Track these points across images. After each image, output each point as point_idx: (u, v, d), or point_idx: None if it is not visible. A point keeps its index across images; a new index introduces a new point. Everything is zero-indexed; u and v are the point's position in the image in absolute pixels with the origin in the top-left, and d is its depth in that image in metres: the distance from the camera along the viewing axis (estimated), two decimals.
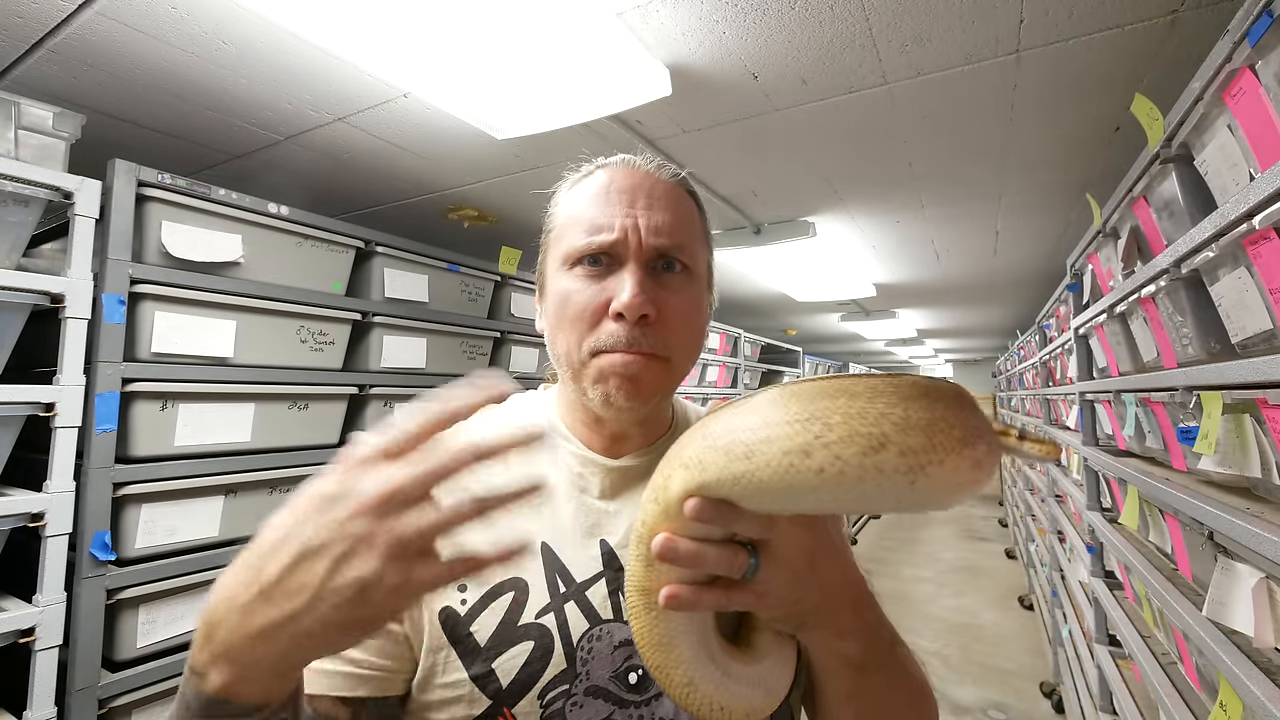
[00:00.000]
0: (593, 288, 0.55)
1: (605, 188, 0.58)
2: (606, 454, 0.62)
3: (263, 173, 1.99)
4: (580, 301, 0.55)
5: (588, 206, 0.57)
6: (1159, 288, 1.20)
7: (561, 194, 0.63)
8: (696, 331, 0.60)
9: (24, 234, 1.22)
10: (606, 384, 0.54)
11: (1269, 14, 0.79)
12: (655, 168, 0.60)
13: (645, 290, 0.54)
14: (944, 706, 3.06)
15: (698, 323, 0.60)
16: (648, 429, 0.63)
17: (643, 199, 0.57)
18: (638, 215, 0.56)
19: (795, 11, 1.19)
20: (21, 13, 1.19)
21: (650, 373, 0.55)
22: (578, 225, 0.57)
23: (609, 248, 0.55)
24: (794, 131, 1.70)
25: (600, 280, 0.56)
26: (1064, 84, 1.44)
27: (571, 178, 0.63)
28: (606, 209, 0.56)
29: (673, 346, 0.56)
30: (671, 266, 0.57)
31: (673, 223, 0.57)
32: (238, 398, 1.53)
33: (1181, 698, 1.25)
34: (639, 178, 0.58)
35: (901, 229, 2.67)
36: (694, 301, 0.59)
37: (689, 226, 0.59)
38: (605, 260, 0.56)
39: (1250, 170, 0.88)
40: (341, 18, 1.14)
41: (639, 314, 0.53)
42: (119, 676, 1.29)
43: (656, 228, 0.56)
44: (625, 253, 0.55)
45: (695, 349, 0.60)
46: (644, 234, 0.55)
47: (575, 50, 1.24)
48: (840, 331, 6.05)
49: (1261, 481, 0.96)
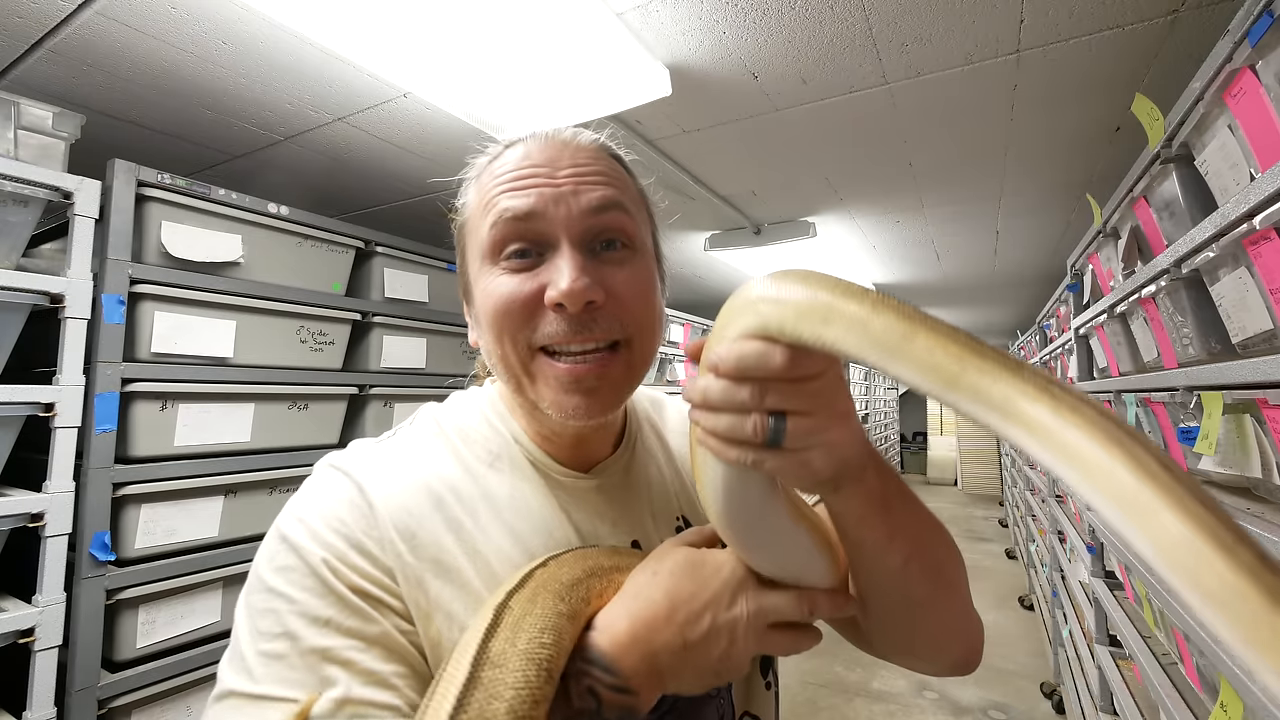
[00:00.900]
0: (522, 280, 0.47)
1: (519, 164, 0.49)
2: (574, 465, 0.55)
3: (262, 173, 1.99)
4: (507, 294, 0.47)
5: (502, 188, 0.48)
6: (1159, 288, 1.20)
7: (469, 183, 0.54)
8: (653, 310, 0.52)
9: (24, 234, 1.22)
10: (561, 398, 0.48)
11: (1269, 14, 0.79)
12: (571, 134, 0.52)
13: (586, 272, 0.46)
14: (944, 706, 3.06)
15: (653, 300, 0.52)
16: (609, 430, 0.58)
17: (565, 169, 0.49)
18: (561, 187, 0.48)
19: (795, 11, 1.18)
20: (21, 13, 1.19)
21: (610, 378, 0.49)
22: (491, 212, 0.48)
23: (534, 230, 0.47)
24: (794, 131, 1.70)
25: (530, 270, 0.48)
26: (1064, 84, 1.44)
27: (479, 163, 0.54)
28: (525, 186, 0.48)
29: (631, 327, 0.49)
30: (612, 244, 0.50)
31: (606, 195, 0.49)
32: (237, 398, 1.53)
33: (1182, 698, 1.24)
34: (556, 146, 0.50)
35: (901, 229, 2.66)
36: (644, 276, 0.51)
37: (623, 196, 0.51)
38: (533, 249, 0.48)
39: (1251, 170, 0.88)
40: (342, 17, 1.14)
41: (583, 300, 0.45)
42: (119, 676, 1.28)
43: (586, 200, 0.48)
44: (555, 233, 0.47)
45: (655, 331, 0.53)
46: (572, 208, 0.47)
47: (575, 50, 1.24)
48: None
49: (1262, 482, 0.96)
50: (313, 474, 0.49)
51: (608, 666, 0.38)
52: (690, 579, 0.44)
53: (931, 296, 4.31)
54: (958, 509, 8.31)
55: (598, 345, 0.48)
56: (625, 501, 0.57)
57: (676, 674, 0.42)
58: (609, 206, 0.49)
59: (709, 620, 0.42)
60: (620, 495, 0.57)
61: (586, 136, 0.53)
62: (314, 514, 0.45)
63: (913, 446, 12.55)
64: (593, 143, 0.52)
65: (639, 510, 0.57)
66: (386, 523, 0.45)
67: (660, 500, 0.59)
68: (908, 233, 2.72)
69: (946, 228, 2.65)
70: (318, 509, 0.45)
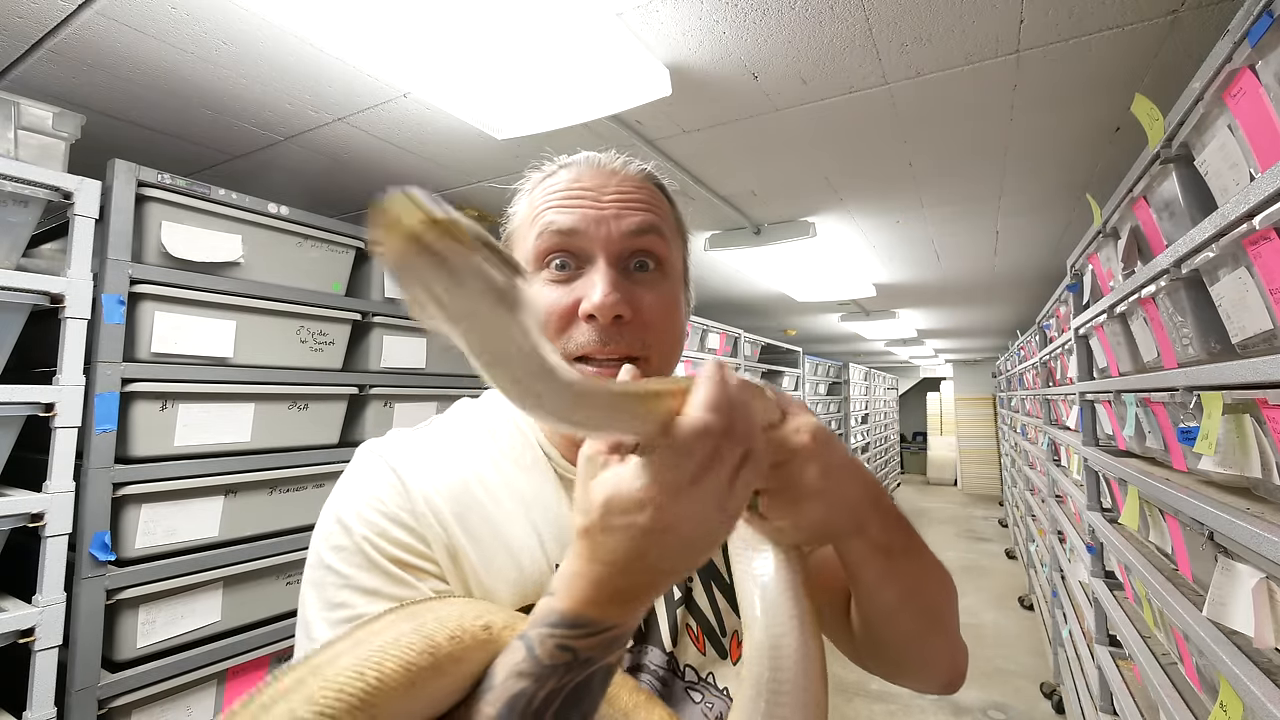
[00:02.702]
0: (559, 291, 0.52)
1: (569, 185, 0.54)
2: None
3: (262, 173, 1.99)
4: (547, 305, 0.52)
5: (550, 204, 0.54)
6: (1159, 288, 1.20)
7: (522, 195, 0.59)
8: (676, 331, 0.57)
9: (24, 234, 1.22)
10: None
11: (1269, 14, 0.79)
12: (621, 163, 0.57)
13: (618, 288, 0.50)
14: (944, 706, 3.06)
15: (676, 321, 0.57)
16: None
17: (610, 194, 0.54)
18: (605, 210, 0.53)
19: (795, 11, 1.18)
20: (21, 13, 1.19)
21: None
22: (540, 224, 0.53)
23: (575, 246, 0.52)
24: (794, 131, 1.70)
25: (568, 284, 0.52)
26: (1064, 84, 1.44)
27: (533, 177, 0.59)
28: (571, 205, 0.53)
29: (651, 346, 0.53)
30: (644, 265, 0.54)
31: (644, 220, 0.54)
32: (237, 398, 1.53)
33: (1182, 698, 1.24)
34: (604, 174, 0.55)
35: (901, 229, 2.66)
36: (670, 299, 0.56)
37: (661, 222, 0.56)
38: (572, 262, 0.53)
39: (1250, 170, 0.88)
40: (342, 18, 1.14)
41: (612, 314, 0.50)
42: (119, 676, 1.28)
43: (628, 225, 0.53)
44: (593, 251, 0.52)
45: (675, 349, 0.57)
46: (613, 229, 0.52)
47: (575, 50, 1.24)
48: (840, 331, 6.05)
49: (1262, 482, 0.96)
50: (354, 459, 0.55)
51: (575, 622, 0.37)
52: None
53: (932, 296, 4.31)
54: (958, 509, 8.31)
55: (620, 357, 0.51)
56: None
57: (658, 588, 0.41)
58: (646, 230, 0.54)
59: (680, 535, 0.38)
60: None
61: (634, 166, 0.58)
62: (357, 496, 0.50)
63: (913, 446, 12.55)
64: (639, 171, 0.58)
65: None
66: (420, 500, 0.50)
67: None
68: (908, 233, 2.72)
69: (946, 228, 2.65)
70: (360, 490, 0.51)
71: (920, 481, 11.16)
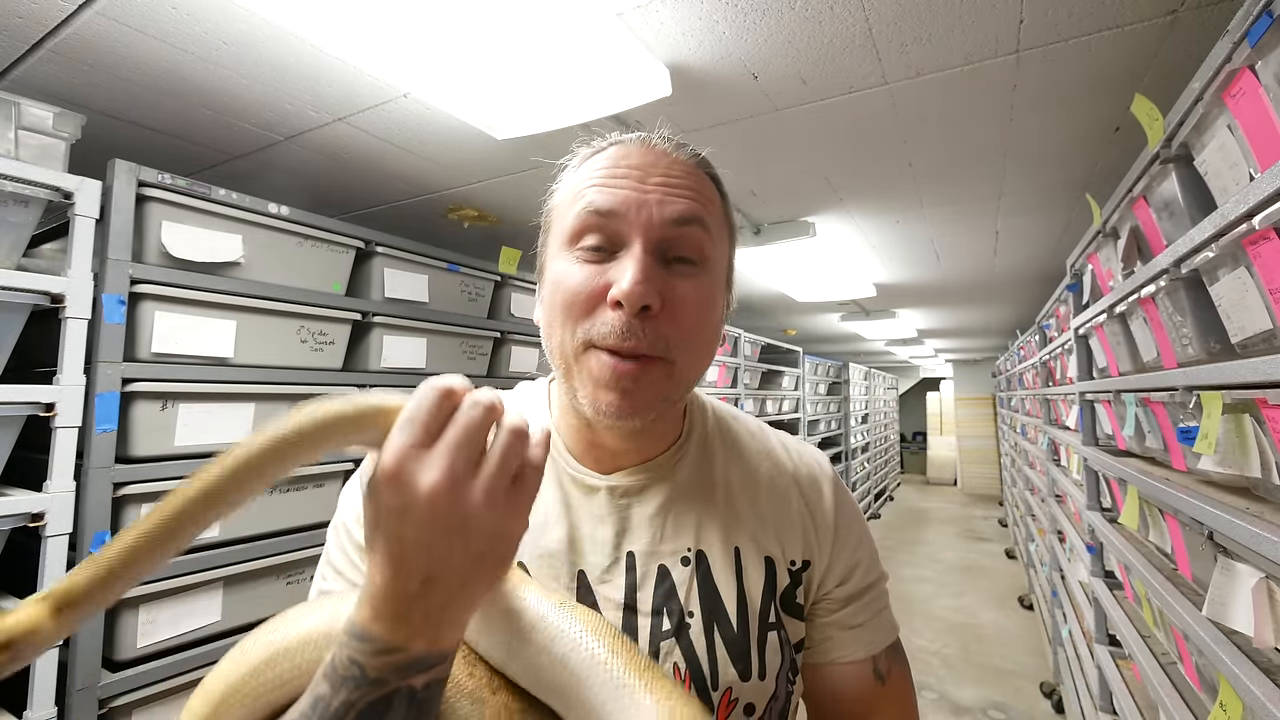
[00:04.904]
0: (591, 270, 0.49)
1: (615, 163, 0.51)
2: (597, 468, 0.56)
3: (263, 173, 1.99)
4: (575, 285, 0.49)
5: (593, 182, 0.50)
6: (1159, 288, 1.20)
7: (568, 170, 0.56)
8: (708, 332, 0.52)
9: (24, 234, 1.22)
10: (597, 393, 0.48)
11: (1269, 14, 0.79)
12: (673, 146, 0.53)
13: (651, 277, 0.47)
14: (944, 706, 3.06)
15: (710, 321, 0.52)
16: (647, 441, 0.57)
17: (656, 177, 0.50)
18: (648, 194, 0.49)
19: (795, 11, 1.19)
20: (21, 13, 1.19)
21: (647, 382, 0.48)
22: (580, 202, 0.50)
23: (612, 228, 0.49)
24: (794, 131, 1.70)
25: (602, 264, 0.49)
26: (1064, 84, 1.44)
27: (581, 153, 0.56)
28: (614, 185, 0.49)
29: (676, 346, 0.49)
30: (685, 259, 0.50)
31: (691, 209, 0.50)
32: (238, 398, 1.53)
33: (1181, 698, 1.25)
34: (654, 155, 0.52)
35: (901, 229, 2.67)
36: (707, 296, 0.51)
37: (708, 212, 0.52)
38: (608, 244, 0.49)
39: (1250, 170, 0.88)
40: (341, 18, 1.14)
41: (640, 303, 0.46)
42: (119, 676, 1.28)
43: (672, 212, 0.49)
44: (631, 234, 0.48)
45: (705, 352, 0.53)
46: (654, 215, 0.49)
47: (575, 50, 1.24)
48: (840, 331, 6.05)
49: (1261, 481, 0.96)
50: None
51: (361, 635, 0.36)
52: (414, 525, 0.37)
53: (932, 296, 4.31)
54: (958, 509, 8.31)
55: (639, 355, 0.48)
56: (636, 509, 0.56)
57: (446, 605, 0.36)
58: (688, 220, 0.50)
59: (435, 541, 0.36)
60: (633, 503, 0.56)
61: (687, 150, 0.54)
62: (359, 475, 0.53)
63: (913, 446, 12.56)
64: (691, 157, 0.53)
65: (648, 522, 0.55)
66: None
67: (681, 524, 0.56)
68: (908, 233, 2.72)
69: (946, 228, 2.65)
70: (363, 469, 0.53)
71: (920, 481, 11.17)
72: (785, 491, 0.60)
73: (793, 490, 0.61)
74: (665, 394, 0.50)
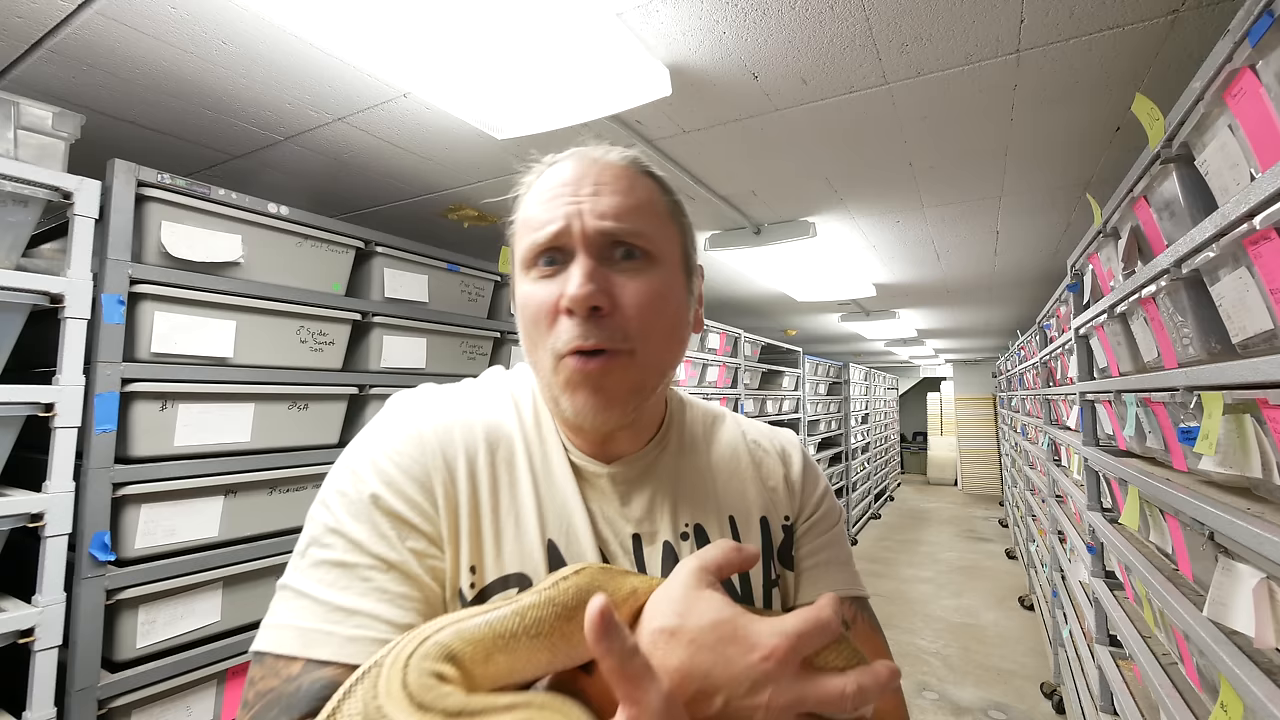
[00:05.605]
0: (548, 287, 0.52)
1: (550, 183, 0.55)
2: (597, 457, 0.59)
3: (263, 173, 1.99)
4: (536, 305, 0.52)
5: (536, 204, 0.55)
6: (1159, 288, 1.20)
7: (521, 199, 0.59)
8: (666, 320, 0.55)
9: (24, 234, 1.21)
10: (574, 396, 0.51)
11: (1269, 14, 0.79)
12: (603, 152, 0.57)
13: (594, 279, 0.50)
14: (944, 706, 3.06)
15: (666, 310, 0.55)
16: (636, 431, 0.60)
17: (588, 185, 0.53)
18: (581, 204, 0.52)
19: (795, 11, 1.18)
20: (21, 13, 1.19)
21: (616, 374, 0.51)
22: (527, 226, 0.54)
23: (555, 241, 0.52)
24: (794, 131, 1.70)
25: (554, 278, 0.53)
26: (1064, 84, 1.44)
27: (526, 180, 0.60)
28: (552, 202, 0.53)
29: (634, 337, 0.52)
30: (631, 254, 0.53)
31: (621, 205, 0.53)
32: (237, 398, 1.53)
33: (1182, 698, 1.24)
34: (584, 165, 0.55)
35: (901, 229, 2.66)
36: (655, 287, 0.54)
37: (645, 207, 0.55)
38: (560, 258, 0.53)
39: (1251, 170, 0.88)
40: (341, 18, 1.14)
41: (588, 305, 0.49)
42: (119, 677, 1.28)
43: (602, 212, 0.52)
44: (573, 245, 0.52)
45: (671, 338, 0.56)
46: (586, 219, 0.52)
47: (575, 50, 1.24)
48: (840, 331, 6.05)
49: (1262, 482, 0.96)
50: (385, 407, 0.57)
51: None
52: (713, 651, 0.39)
53: (932, 296, 4.31)
54: (958, 509, 8.31)
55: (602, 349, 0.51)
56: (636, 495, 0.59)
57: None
58: (618, 216, 0.53)
59: (719, 702, 0.38)
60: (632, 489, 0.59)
61: (616, 154, 0.57)
62: (377, 446, 0.53)
63: (913, 446, 12.56)
64: (622, 159, 0.56)
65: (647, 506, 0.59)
66: (438, 455, 0.52)
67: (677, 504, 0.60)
68: (908, 233, 2.72)
69: (946, 228, 2.65)
70: (381, 440, 0.53)
71: (920, 481, 11.17)
72: (763, 462, 0.67)
73: (770, 459, 0.67)
74: (635, 384, 0.53)
